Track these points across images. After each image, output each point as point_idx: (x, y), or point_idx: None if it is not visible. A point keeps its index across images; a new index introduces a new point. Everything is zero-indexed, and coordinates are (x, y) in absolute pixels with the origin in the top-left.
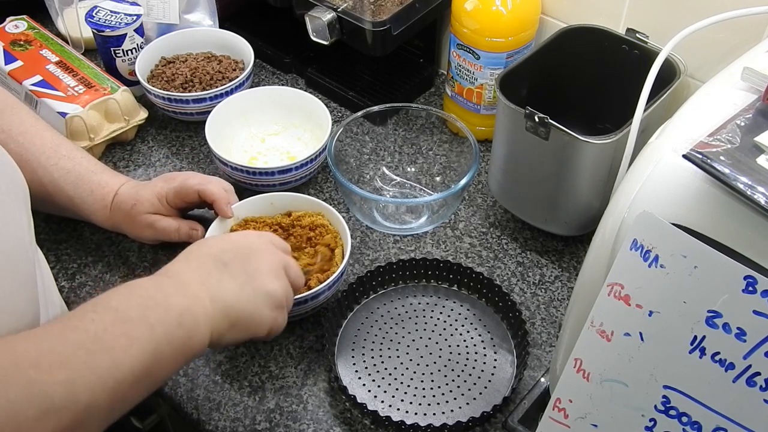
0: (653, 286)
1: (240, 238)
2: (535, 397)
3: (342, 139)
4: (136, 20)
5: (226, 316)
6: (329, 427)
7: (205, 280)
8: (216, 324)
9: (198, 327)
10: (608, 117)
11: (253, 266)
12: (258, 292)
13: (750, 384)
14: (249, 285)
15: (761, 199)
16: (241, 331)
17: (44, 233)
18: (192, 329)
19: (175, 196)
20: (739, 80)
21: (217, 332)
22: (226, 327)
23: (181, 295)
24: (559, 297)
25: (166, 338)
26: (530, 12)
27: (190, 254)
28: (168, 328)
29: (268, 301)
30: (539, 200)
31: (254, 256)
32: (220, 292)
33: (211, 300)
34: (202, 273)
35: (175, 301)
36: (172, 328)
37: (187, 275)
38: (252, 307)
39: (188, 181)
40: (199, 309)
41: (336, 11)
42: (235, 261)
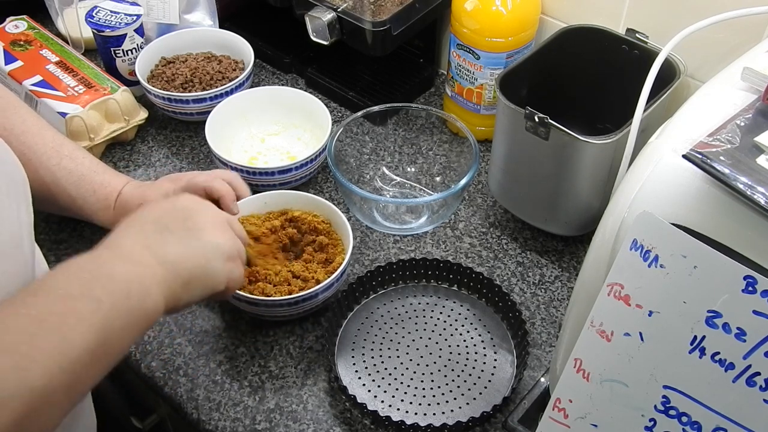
0: (653, 286)
1: (176, 200)
2: (535, 397)
3: (342, 139)
4: (136, 20)
5: (178, 276)
6: (329, 427)
7: (148, 244)
8: (169, 286)
9: (148, 293)
10: (608, 117)
11: (194, 222)
12: (206, 246)
13: (750, 384)
14: (195, 241)
15: (761, 199)
16: (197, 288)
17: (44, 233)
18: (143, 297)
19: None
20: (739, 80)
21: (172, 294)
22: (180, 287)
23: (125, 263)
24: (559, 297)
25: (115, 310)
26: (530, 12)
27: (128, 223)
28: (115, 300)
29: (217, 253)
30: (539, 200)
31: (194, 214)
32: (166, 252)
33: (159, 263)
34: (143, 238)
35: (119, 270)
36: (120, 298)
37: (127, 243)
38: (203, 261)
39: (195, 180)
40: (148, 274)
41: (336, 11)
42: (176, 221)
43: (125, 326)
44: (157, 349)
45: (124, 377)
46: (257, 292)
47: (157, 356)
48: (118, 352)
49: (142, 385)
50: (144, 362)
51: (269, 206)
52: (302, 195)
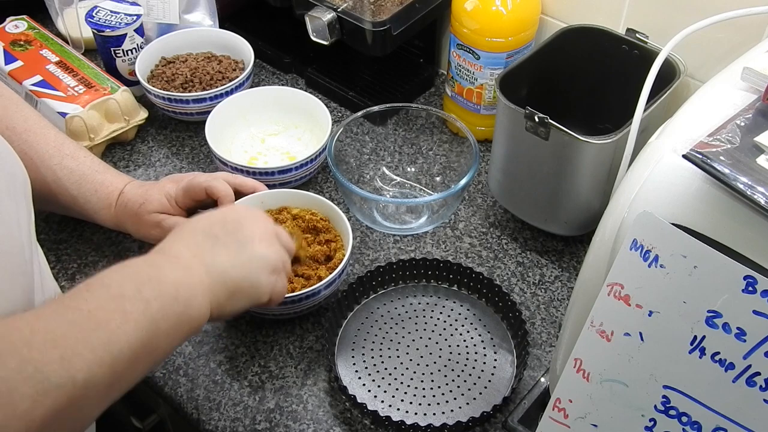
0: (653, 286)
1: (227, 211)
2: (535, 397)
3: (342, 139)
4: (136, 20)
5: (224, 285)
6: (329, 427)
7: (197, 253)
8: (215, 295)
9: (195, 299)
10: (608, 117)
11: (244, 234)
12: (253, 258)
13: (750, 384)
14: (243, 252)
15: (761, 199)
16: (242, 299)
17: (44, 233)
18: (189, 302)
19: (185, 195)
20: (739, 80)
21: (217, 303)
22: (225, 296)
23: (176, 268)
24: (559, 297)
25: (162, 313)
26: (530, 12)
27: (179, 232)
28: (164, 303)
29: (264, 265)
30: (539, 200)
31: (243, 225)
32: (215, 262)
33: (207, 271)
34: (193, 246)
35: (169, 275)
36: (168, 302)
37: (178, 250)
38: (249, 273)
39: (196, 179)
40: (195, 281)
41: (336, 11)
42: (225, 232)
43: (170, 330)
44: None
45: None
46: None
47: None
48: (161, 354)
49: (142, 385)
50: None
51: (266, 205)
52: (299, 193)
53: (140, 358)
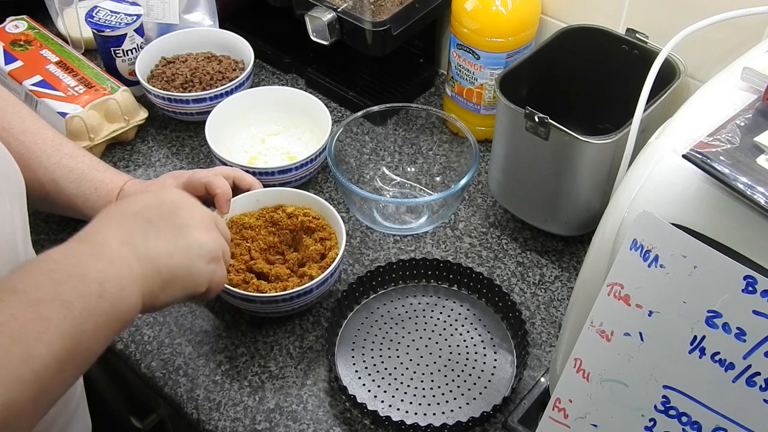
0: (653, 286)
1: (162, 193)
2: (535, 397)
3: (342, 139)
4: (136, 20)
5: (158, 274)
6: (329, 427)
7: (127, 239)
8: (147, 285)
9: (124, 292)
10: (608, 117)
11: (180, 219)
12: (190, 245)
13: (750, 384)
14: (180, 239)
15: (761, 199)
16: (178, 289)
17: (44, 233)
18: (117, 297)
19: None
20: (739, 80)
21: (150, 293)
22: (158, 286)
23: (100, 259)
24: (559, 297)
25: (86, 314)
26: (530, 12)
27: (108, 215)
28: (87, 302)
29: (202, 253)
30: (539, 200)
31: (180, 209)
32: (147, 249)
33: (138, 259)
34: (123, 231)
35: (92, 268)
36: (92, 300)
37: (105, 236)
38: (186, 261)
39: (196, 175)
40: (124, 272)
41: (336, 11)
42: (160, 215)
43: (97, 328)
44: (157, 349)
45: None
46: (252, 288)
47: (157, 356)
48: (90, 356)
49: (142, 385)
50: (144, 362)
51: (261, 203)
52: (294, 191)
53: (66, 365)
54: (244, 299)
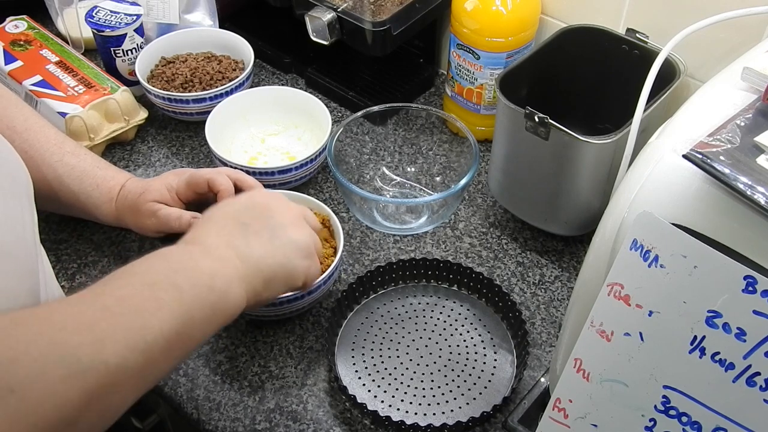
0: (653, 286)
1: (254, 196)
2: (535, 397)
3: (342, 139)
4: (136, 20)
5: (260, 273)
6: (329, 427)
7: (230, 242)
8: (251, 284)
9: (231, 289)
10: (608, 117)
11: (274, 220)
12: (286, 244)
13: (750, 384)
14: (276, 239)
15: (761, 199)
16: (278, 285)
17: (44, 233)
18: (225, 291)
19: (187, 187)
20: (739, 80)
21: (253, 291)
22: (261, 285)
23: (210, 258)
24: (559, 297)
25: (196, 302)
26: (530, 12)
27: (209, 220)
28: (198, 292)
29: (297, 251)
30: (539, 200)
31: (272, 210)
32: (249, 250)
33: (241, 260)
34: (225, 235)
35: (204, 264)
36: (203, 291)
37: (211, 239)
38: (284, 259)
39: (199, 172)
40: (231, 270)
41: (336, 11)
42: (255, 219)
43: (205, 318)
44: None
45: None
46: None
47: None
48: (195, 343)
49: None
50: None
51: None
52: (296, 195)
53: (174, 346)
54: None
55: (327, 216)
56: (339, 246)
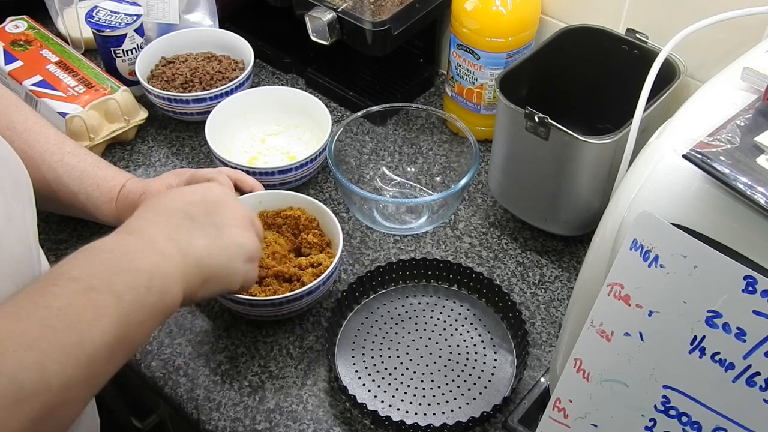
0: (653, 286)
1: (204, 190)
2: (535, 397)
3: (342, 139)
4: (136, 20)
5: (199, 271)
6: (329, 427)
7: (173, 235)
8: (189, 280)
9: (169, 287)
10: (608, 117)
11: (221, 219)
12: (230, 245)
13: (750, 384)
14: (220, 238)
15: (761, 199)
16: (215, 285)
17: (44, 233)
18: (163, 290)
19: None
20: (739, 80)
21: (190, 289)
22: (198, 283)
23: (149, 253)
24: (559, 297)
25: (135, 304)
26: (530, 12)
27: (153, 208)
28: (137, 294)
29: (240, 253)
30: (539, 200)
31: (222, 209)
32: (191, 246)
33: (182, 255)
34: (169, 227)
35: (142, 261)
36: (141, 293)
37: (153, 230)
38: (225, 260)
39: (200, 171)
40: (170, 267)
41: (336, 11)
42: (203, 214)
43: (144, 320)
44: (157, 349)
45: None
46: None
47: (157, 356)
48: (136, 345)
49: (142, 385)
50: (144, 362)
51: (264, 205)
52: (297, 196)
53: (115, 352)
54: (234, 301)
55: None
56: (338, 246)
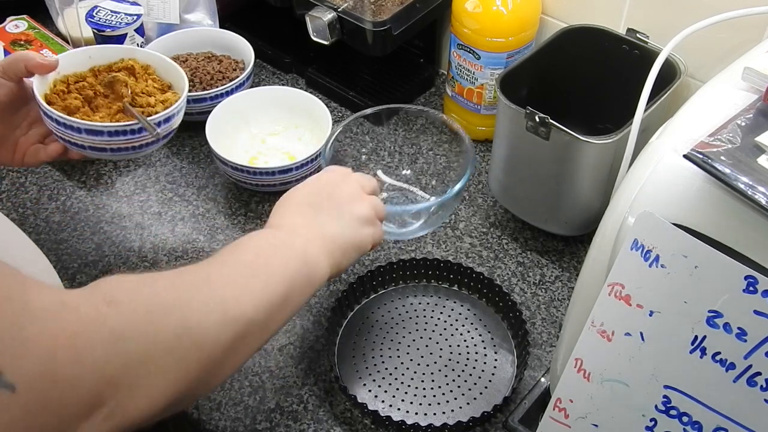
0: (654, 286)
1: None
2: (535, 397)
3: (341, 139)
4: (136, 20)
5: (338, 247)
6: (329, 427)
7: (308, 224)
8: (332, 254)
9: (318, 261)
10: (608, 117)
11: (338, 198)
12: (353, 219)
13: (750, 384)
14: (344, 216)
15: (762, 199)
16: (353, 253)
17: (44, 233)
18: (314, 264)
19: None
20: (740, 80)
21: (334, 261)
22: (340, 255)
23: (297, 237)
24: (559, 297)
25: (297, 272)
26: (530, 12)
27: (283, 208)
28: (297, 264)
29: (363, 222)
30: (540, 200)
31: (334, 190)
32: (325, 229)
33: (321, 237)
34: (303, 218)
35: (295, 243)
36: (299, 264)
37: (293, 223)
38: (354, 232)
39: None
40: (316, 247)
41: (336, 11)
42: (322, 200)
43: (302, 287)
44: None
45: None
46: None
47: None
48: (295, 309)
49: None
50: None
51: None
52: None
53: (283, 308)
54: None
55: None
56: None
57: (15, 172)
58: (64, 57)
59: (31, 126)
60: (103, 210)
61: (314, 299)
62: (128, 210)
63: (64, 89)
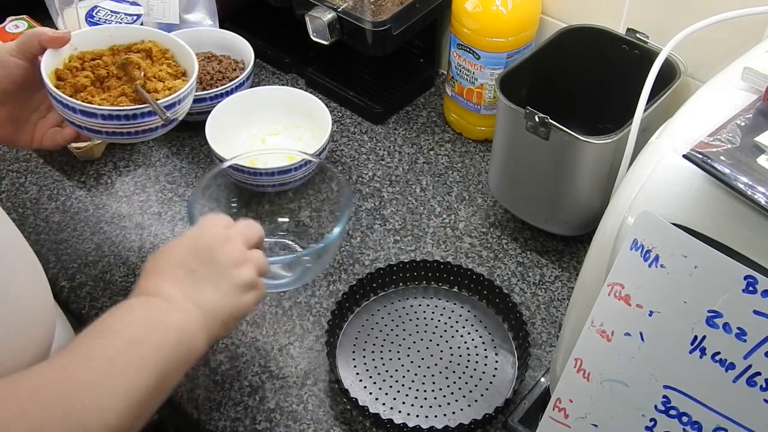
0: (654, 286)
1: (195, 237)
2: (535, 397)
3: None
4: (136, 20)
5: (217, 318)
6: (329, 427)
7: (185, 292)
8: (210, 329)
9: (195, 338)
10: (608, 117)
11: (219, 264)
12: (234, 287)
13: (750, 384)
14: (224, 282)
15: (761, 199)
16: (232, 324)
17: (44, 233)
18: (191, 342)
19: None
20: (740, 80)
21: (211, 335)
22: (218, 327)
23: (174, 311)
24: (559, 297)
25: (170, 355)
26: (530, 12)
27: (157, 270)
28: (170, 346)
29: (244, 289)
30: (539, 200)
31: (215, 252)
32: (203, 299)
33: (200, 309)
34: (179, 285)
35: (170, 319)
36: (173, 345)
37: (168, 291)
38: (234, 300)
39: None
40: (193, 323)
41: (336, 11)
42: (201, 263)
43: (176, 368)
44: None
45: None
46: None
47: None
48: (168, 390)
49: None
50: None
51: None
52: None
53: (155, 396)
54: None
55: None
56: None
57: (15, 172)
58: (84, 33)
59: (50, 109)
60: (103, 210)
61: (314, 300)
62: (128, 210)
63: (78, 65)
